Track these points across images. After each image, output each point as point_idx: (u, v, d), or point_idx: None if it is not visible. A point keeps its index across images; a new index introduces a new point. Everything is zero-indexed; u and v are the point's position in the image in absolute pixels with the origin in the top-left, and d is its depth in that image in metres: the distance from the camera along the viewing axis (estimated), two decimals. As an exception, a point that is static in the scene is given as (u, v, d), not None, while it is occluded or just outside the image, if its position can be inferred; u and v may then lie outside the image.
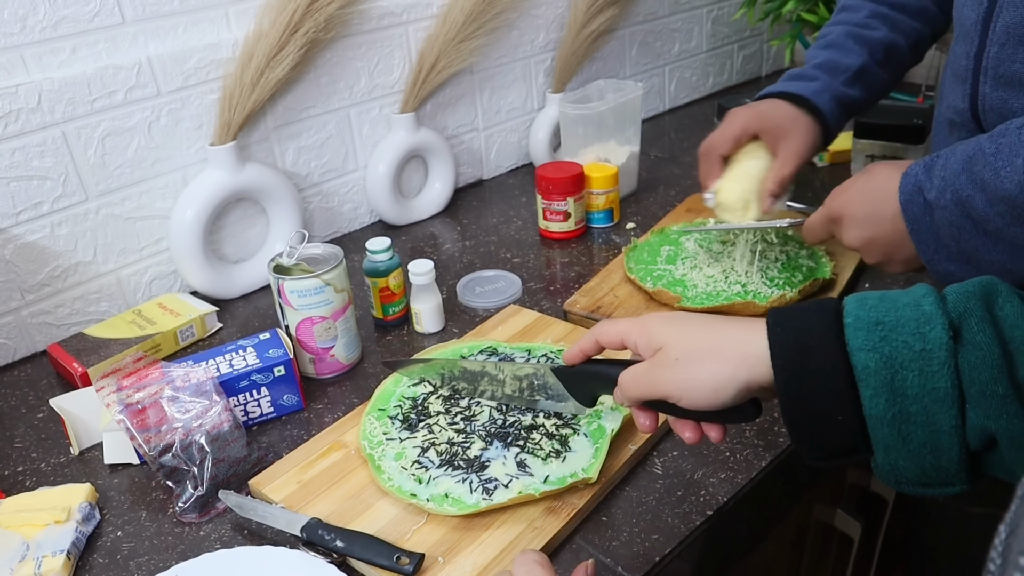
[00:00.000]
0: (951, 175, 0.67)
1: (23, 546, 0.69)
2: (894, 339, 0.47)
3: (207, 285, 1.10)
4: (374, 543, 0.66)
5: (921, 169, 0.70)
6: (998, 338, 0.45)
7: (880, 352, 0.47)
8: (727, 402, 0.53)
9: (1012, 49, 0.70)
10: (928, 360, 0.46)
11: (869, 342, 0.47)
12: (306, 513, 0.70)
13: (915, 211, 0.70)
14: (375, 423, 0.79)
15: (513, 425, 0.76)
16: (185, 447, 0.75)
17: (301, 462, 0.77)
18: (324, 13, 1.07)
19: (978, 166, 0.65)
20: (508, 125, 1.46)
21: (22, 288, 0.99)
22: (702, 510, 0.70)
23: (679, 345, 0.55)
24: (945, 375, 0.45)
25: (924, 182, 0.69)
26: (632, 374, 0.58)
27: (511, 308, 1.00)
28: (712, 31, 1.79)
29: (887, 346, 0.47)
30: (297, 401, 0.86)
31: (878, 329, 0.48)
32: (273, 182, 1.13)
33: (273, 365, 0.83)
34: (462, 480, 0.71)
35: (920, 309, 0.48)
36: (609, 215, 1.23)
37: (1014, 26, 0.69)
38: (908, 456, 0.47)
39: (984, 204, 0.64)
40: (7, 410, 0.92)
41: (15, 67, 0.93)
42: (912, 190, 0.70)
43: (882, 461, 0.48)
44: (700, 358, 0.54)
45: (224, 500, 0.72)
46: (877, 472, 0.49)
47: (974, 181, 0.65)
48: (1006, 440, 0.45)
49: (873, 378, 0.47)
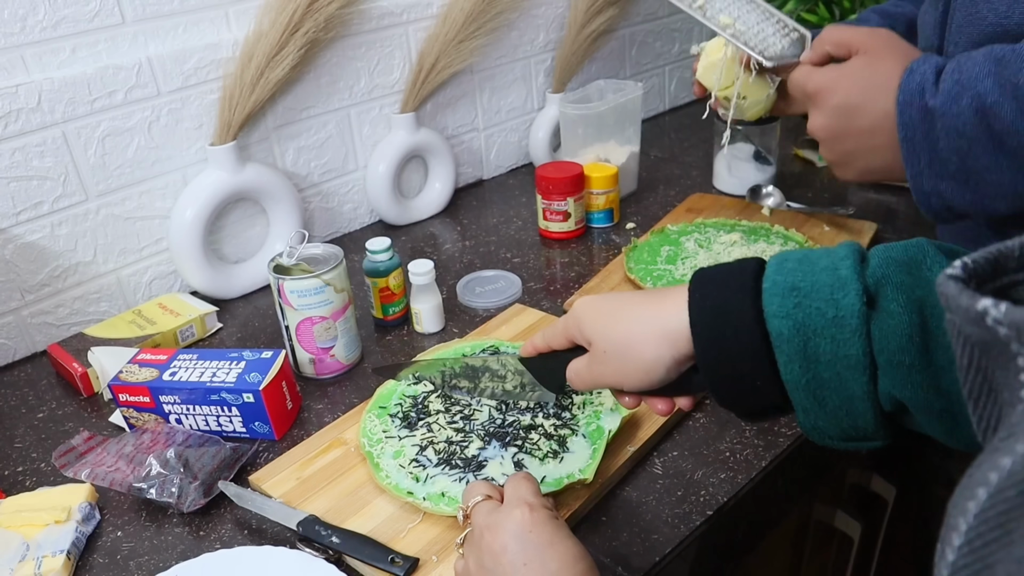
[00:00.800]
0: (970, 78, 0.60)
1: (23, 546, 0.69)
2: (807, 305, 0.47)
3: (207, 285, 1.10)
4: (369, 542, 0.66)
5: (931, 69, 0.63)
6: (913, 306, 0.45)
7: (794, 319, 0.47)
8: (663, 380, 0.54)
9: (964, 48, 0.68)
10: (840, 327, 0.46)
11: (783, 308, 0.47)
12: (304, 509, 0.70)
13: (912, 116, 0.63)
14: (375, 421, 0.79)
15: (512, 425, 0.76)
16: (163, 464, 0.75)
17: (301, 458, 0.77)
18: (324, 13, 1.07)
19: (1011, 68, 0.58)
20: (508, 125, 1.46)
21: (22, 288, 0.99)
22: (702, 510, 0.70)
23: (604, 337, 0.55)
24: (856, 343, 0.45)
25: (928, 86, 0.62)
26: (575, 370, 0.59)
27: (515, 307, 1.00)
28: (712, 31, 1.78)
29: (800, 312, 0.47)
30: (269, 431, 0.82)
31: (793, 295, 0.47)
32: (273, 182, 1.13)
33: (243, 390, 0.80)
34: (459, 479, 0.71)
35: (836, 274, 0.47)
36: (609, 215, 1.23)
37: (964, 26, 0.69)
38: (826, 417, 0.48)
39: (1014, 112, 0.57)
40: (7, 410, 0.92)
41: (15, 67, 0.93)
42: (914, 91, 0.63)
43: (803, 420, 0.49)
44: (625, 346, 0.54)
45: (224, 490, 0.73)
46: (801, 429, 0.50)
47: (1003, 86, 0.58)
48: (914, 407, 0.45)
49: (787, 345, 0.47)
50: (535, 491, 0.56)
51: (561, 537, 0.53)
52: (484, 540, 0.53)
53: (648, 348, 0.53)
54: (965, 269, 0.29)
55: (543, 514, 0.54)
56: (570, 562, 0.51)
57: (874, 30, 0.72)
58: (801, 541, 0.98)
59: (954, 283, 0.28)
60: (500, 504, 0.56)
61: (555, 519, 0.54)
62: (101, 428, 0.88)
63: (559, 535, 0.53)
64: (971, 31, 0.68)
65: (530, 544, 0.52)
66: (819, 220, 1.13)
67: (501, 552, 0.52)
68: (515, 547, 0.52)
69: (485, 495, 0.57)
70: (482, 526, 0.54)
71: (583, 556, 0.52)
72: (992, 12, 0.66)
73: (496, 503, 0.56)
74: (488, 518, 0.54)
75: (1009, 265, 0.29)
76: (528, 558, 0.51)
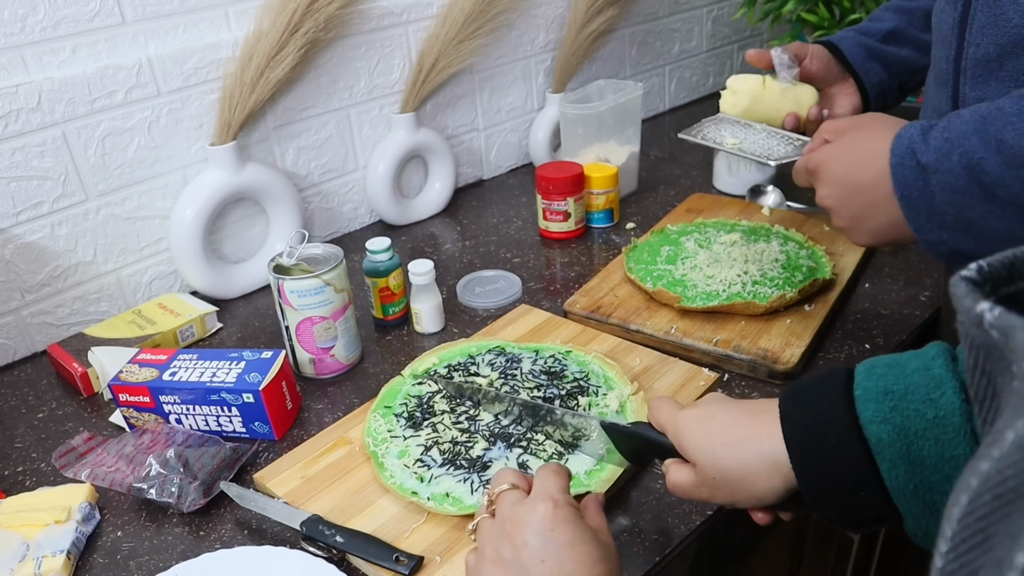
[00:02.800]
0: (958, 136, 0.63)
1: (23, 546, 0.69)
2: (905, 408, 0.45)
3: (207, 285, 1.10)
4: (373, 541, 0.66)
5: (917, 132, 0.67)
6: None
7: (892, 423, 0.45)
8: (775, 503, 0.53)
9: (986, 49, 0.69)
10: (943, 428, 0.44)
11: (880, 413, 0.46)
12: (308, 509, 0.70)
13: (906, 175, 0.66)
14: (380, 420, 0.79)
15: (517, 426, 0.76)
16: (163, 464, 0.75)
17: (306, 457, 0.77)
18: (324, 13, 1.07)
19: (995, 126, 0.61)
20: (508, 125, 1.46)
21: (22, 288, 0.99)
22: (702, 510, 0.70)
23: (713, 466, 0.55)
24: (962, 442, 0.43)
25: (919, 145, 0.66)
26: (677, 485, 0.58)
27: (522, 308, 1.00)
28: (712, 31, 1.79)
29: (898, 416, 0.45)
30: (269, 431, 0.82)
31: (888, 399, 0.46)
32: (273, 182, 1.13)
33: (243, 391, 0.80)
34: (463, 480, 0.71)
35: (930, 374, 0.46)
36: (609, 215, 1.23)
37: (988, 27, 0.69)
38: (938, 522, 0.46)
39: (1000, 167, 0.60)
40: (7, 410, 0.92)
41: (15, 67, 0.93)
42: (905, 152, 0.67)
43: (913, 527, 0.47)
44: (737, 479, 0.54)
45: (226, 491, 0.73)
46: (911, 537, 0.48)
47: (988, 142, 0.61)
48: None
49: (888, 450, 0.45)
50: (563, 487, 0.56)
51: (582, 539, 0.52)
52: (505, 530, 0.53)
53: (761, 481, 0.52)
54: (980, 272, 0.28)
55: (567, 512, 0.53)
56: (588, 565, 0.51)
57: (862, 115, 0.76)
58: (801, 541, 0.98)
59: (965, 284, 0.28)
60: (526, 495, 0.55)
61: (579, 518, 0.53)
62: (101, 428, 0.88)
63: (580, 536, 0.52)
64: (995, 32, 0.68)
65: (550, 542, 0.51)
66: (819, 220, 1.13)
67: (522, 546, 0.52)
68: (535, 543, 0.51)
69: (512, 484, 0.57)
70: (505, 516, 0.54)
71: (603, 560, 0.52)
72: (1018, 14, 0.66)
73: (522, 494, 0.56)
74: (512, 510, 0.54)
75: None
76: (546, 555, 0.51)
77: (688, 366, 0.87)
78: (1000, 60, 0.69)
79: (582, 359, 0.87)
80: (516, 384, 0.83)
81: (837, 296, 0.95)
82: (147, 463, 0.75)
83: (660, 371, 0.86)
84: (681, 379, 0.85)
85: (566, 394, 0.81)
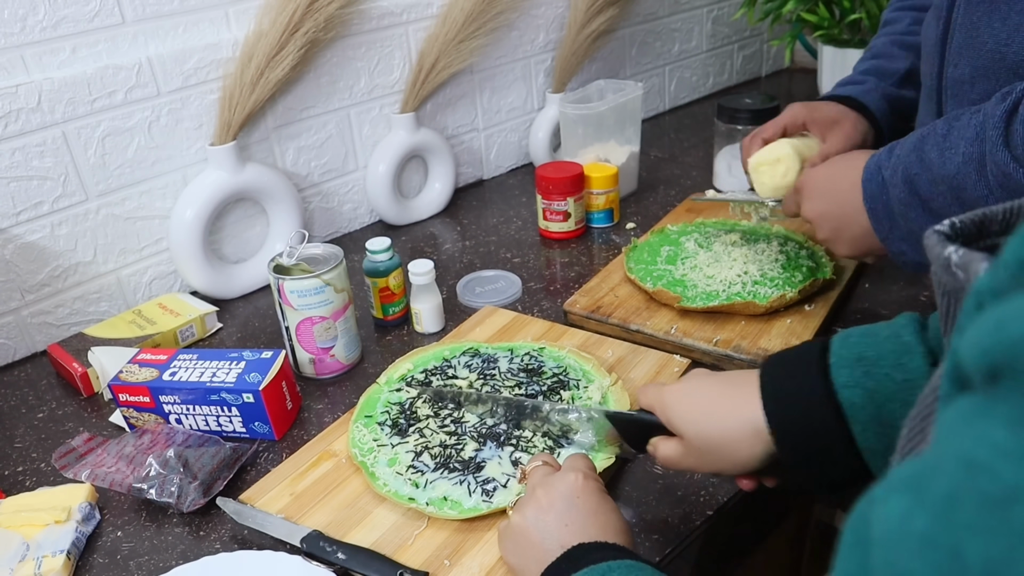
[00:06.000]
0: (904, 153, 0.69)
1: (23, 546, 0.69)
2: (876, 372, 0.48)
3: (207, 285, 1.10)
4: (376, 557, 0.65)
5: (885, 150, 0.73)
6: None
7: (864, 387, 0.48)
8: (757, 468, 0.56)
9: (963, 70, 0.72)
10: (911, 391, 0.47)
11: (852, 378, 0.49)
12: (304, 524, 0.69)
13: (873, 189, 0.72)
14: (364, 430, 0.79)
15: (501, 426, 0.76)
16: (163, 464, 0.75)
17: (291, 474, 0.76)
18: (324, 13, 1.07)
19: (928, 145, 0.67)
20: (508, 125, 1.46)
21: (22, 288, 0.99)
22: (702, 510, 0.70)
23: (698, 436, 0.57)
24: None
25: (884, 161, 0.72)
26: (667, 458, 0.61)
27: (486, 309, 1.00)
28: (712, 31, 1.79)
29: (870, 380, 0.48)
30: (269, 431, 0.82)
31: (860, 364, 0.49)
32: (273, 182, 1.13)
33: (243, 391, 0.80)
34: (459, 482, 0.71)
35: (900, 340, 0.49)
36: (609, 215, 1.23)
37: (964, 49, 0.71)
38: None
39: (928, 183, 0.66)
40: (7, 410, 0.92)
41: (15, 67, 0.93)
42: (873, 167, 0.73)
43: None
44: (720, 446, 0.56)
45: (223, 507, 0.72)
46: None
47: (921, 160, 0.67)
48: None
49: (860, 413, 0.48)
50: (591, 466, 0.61)
51: (606, 509, 0.56)
52: (535, 495, 0.58)
53: (743, 447, 0.55)
54: (952, 227, 0.31)
55: (594, 484, 0.58)
56: (610, 534, 0.54)
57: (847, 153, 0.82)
58: (801, 541, 0.98)
59: (937, 236, 0.31)
60: (557, 471, 0.60)
61: (604, 492, 0.58)
62: (101, 428, 0.88)
63: (604, 507, 0.56)
64: (971, 55, 0.70)
65: (575, 508, 0.55)
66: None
67: (548, 508, 0.56)
68: (561, 507, 0.56)
69: (545, 462, 0.62)
70: (536, 484, 0.59)
71: (623, 531, 0.55)
72: (992, 38, 0.67)
73: (553, 469, 0.61)
74: (544, 479, 0.59)
75: (993, 228, 0.32)
76: (570, 520, 0.55)
77: (660, 354, 0.89)
78: (973, 82, 0.71)
79: (557, 354, 0.87)
80: (496, 384, 0.83)
81: (837, 296, 0.95)
82: (147, 463, 0.75)
83: (633, 361, 0.88)
84: (656, 367, 0.87)
85: (548, 390, 0.81)
